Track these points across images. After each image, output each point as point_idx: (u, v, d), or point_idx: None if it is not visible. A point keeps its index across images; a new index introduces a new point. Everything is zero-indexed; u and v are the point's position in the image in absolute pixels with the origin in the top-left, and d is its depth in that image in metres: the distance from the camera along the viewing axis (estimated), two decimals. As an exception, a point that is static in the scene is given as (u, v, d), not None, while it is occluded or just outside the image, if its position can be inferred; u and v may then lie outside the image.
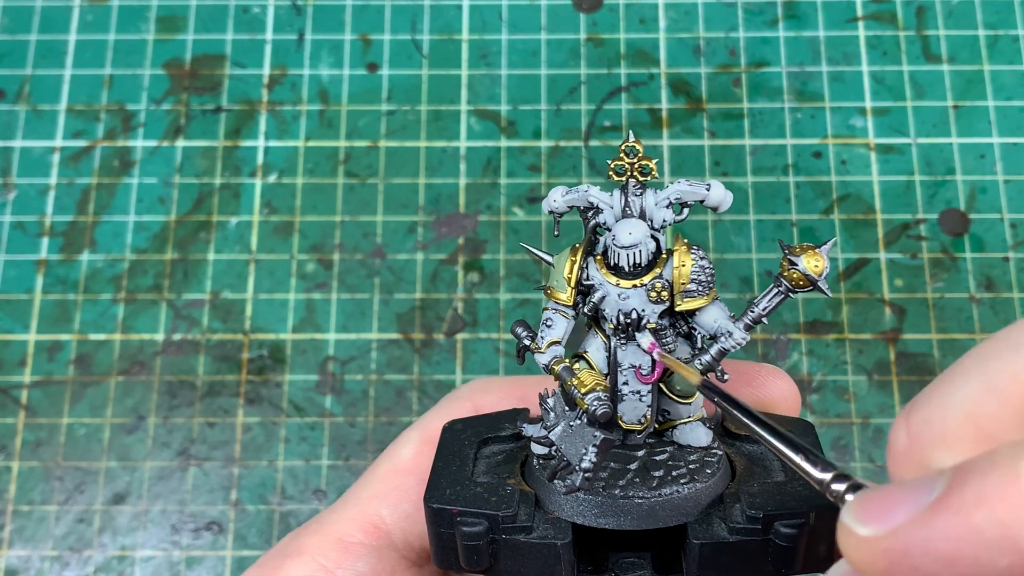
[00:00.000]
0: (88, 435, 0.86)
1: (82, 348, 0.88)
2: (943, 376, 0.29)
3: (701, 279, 0.42)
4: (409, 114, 0.96)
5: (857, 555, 0.27)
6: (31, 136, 0.95)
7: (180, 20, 0.99)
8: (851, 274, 0.89)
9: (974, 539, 0.25)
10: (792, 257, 0.41)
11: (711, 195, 0.42)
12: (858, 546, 0.27)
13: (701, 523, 0.40)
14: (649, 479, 0.41)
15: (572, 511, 0.41)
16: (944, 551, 0.25)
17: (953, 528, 0.25)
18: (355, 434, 0.86)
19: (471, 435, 0.46)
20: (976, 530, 0.25)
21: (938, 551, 0.25)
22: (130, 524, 0.84)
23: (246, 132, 0.95)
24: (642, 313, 0.42)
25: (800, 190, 0.92)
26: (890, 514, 0.27)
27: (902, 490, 0.27)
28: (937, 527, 0.25)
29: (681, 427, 0.44)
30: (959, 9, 0.98)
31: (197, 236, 0.92)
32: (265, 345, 0.88)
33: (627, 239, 0.41)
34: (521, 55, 0.98)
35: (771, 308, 0.42)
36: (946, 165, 0.92)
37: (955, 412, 0.28)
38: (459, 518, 0.40)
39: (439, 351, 0.88)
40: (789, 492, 0.40)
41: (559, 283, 0.43)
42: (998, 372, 0.28)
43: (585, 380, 0.41)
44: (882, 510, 0.27)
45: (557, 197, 0.44)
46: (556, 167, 0.93)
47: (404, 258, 0.91)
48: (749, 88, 0.96)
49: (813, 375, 0.87)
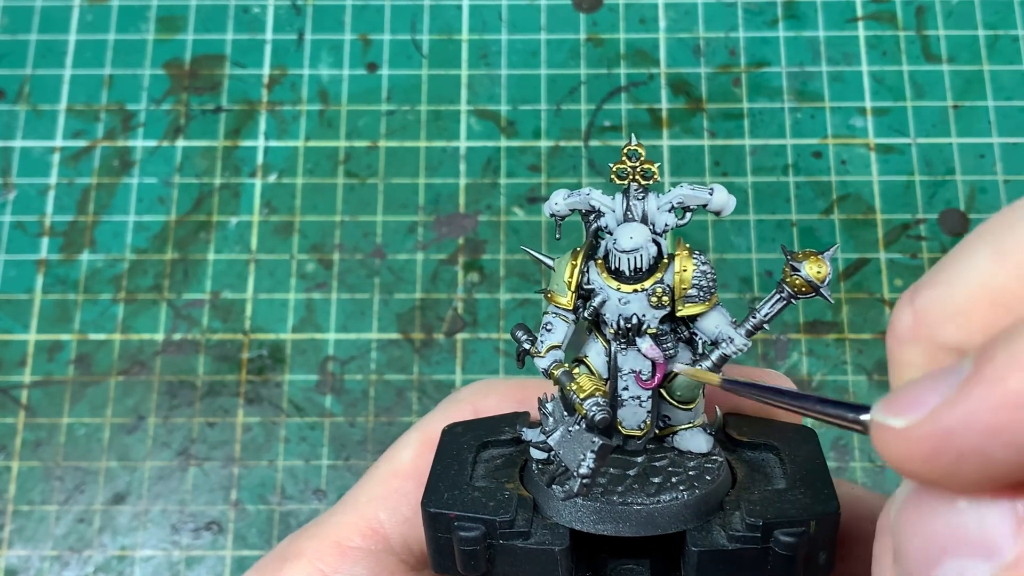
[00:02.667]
0: (88, 435, 0.86)
1: (82, 348, 0.88)
2: (949, 256, 0.29)
3: (703, 284, 0.42)
4: (409, 114, 0.96)
5: (896, 450, 0.26)
6: (31, 136, 0.95)
7: (180, 20, 0.99)
8: (851, 274, 0.89)
9: (1014, 403, 0.24)
10: (794, 263, 0.41)
11: (714, 199, 0.42)
12: (896, 440, 0.26)
13: (700, 530, 0.40)
14: (648, 485, 0.41)
15: (570, 517, 0.40)
16: (985, 423, 0.24)
17: (990, 398, 0.24)
18: (355, 434, 0.86)
19: (470, 439, 0.46)
20: (1015, 393, 0.24)
21: (978, 424, 0.25)
22: (130, 524, 0.84)
23: (246, 132, 0.95)
24: (643, 318, 0.41)
25: (800, 190, 0.92)
26: (923, 400, 0.26)
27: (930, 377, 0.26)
28: (974, 401, 0.25)
29: (681, 433, 0.43)
30: (959, 9, 0.98)
31: (197, 236, 0.92)
32: (265, 345, 0.88)
33: (628, 243, 0.41)
34: (521, 55, 0.98)
35: (773, 314, 0.42)
36: (946, 165, 0.92)
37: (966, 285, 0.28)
38: (456, 523, 0.40)
39: (439, 351, 0.88)
40: (790, 500, 0.39)
41: (559, 287, 0.43)
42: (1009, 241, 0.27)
43: (584, 385, 0.41)
44: (914, 398, 0.26)
45: (559, 200, 0.43)
46: (556, 167, 0.93)
47: (404, 258, 0.91)
48: (749, 88, 0.96)
49: (813, 375, 0.87)
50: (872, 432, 0.27)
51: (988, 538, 0.26)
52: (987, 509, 0.26)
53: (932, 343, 0.29)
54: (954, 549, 0.26)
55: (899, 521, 0.28)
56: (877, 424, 0.27)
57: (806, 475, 0.41)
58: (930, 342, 0.29)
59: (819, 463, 0.42)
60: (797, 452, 0.43)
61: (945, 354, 0.28)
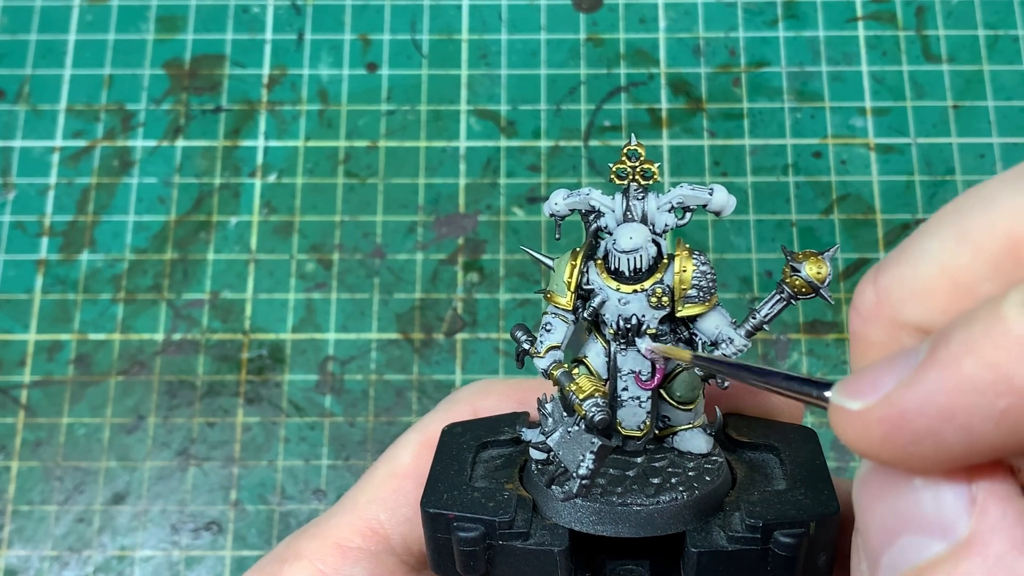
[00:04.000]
0: (88, 435, 0.86)
1: (82, 348, 0.88)
2: (911, 237, 0.29)
3: (702, 285, 0.42)
4: (409, 114, 0.95)
5: (853, 432, 0.27)
6: (31, 136, 0.95)
7: (180, 20, 0.99)
8: (851, 274, 0.89)
9: (968, 387, 0.24)
10: (795, 264, 0.41)
11: (714, 199, 0.42)
12: (852, 422, 0.27)
13: (700, 531, 0.40)
14: (648, 486, 0.41)
15: (570, 517, 0.40)
16: (939, 405, 0.25)
17: (945, 380, 0.25)
18: (355, 434, 0.86)
19: (470, 439, 0.46)
20: (968, 378, 0.24)
21: (933, 407, 0.25)
22: (130, 524, 0.84)
23: (246, 132, 0.95)
24: (642, 319, 0.41)
25: (800, 190, 0.92)
26: (879, 383, 0.26)
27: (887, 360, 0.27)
28: (928, 383, 0.25)
29: (681, 434, 0.43)
30: (959, 9, 0.98)
31: (197, 236, 0.92)
32: (265, 345, 0.88)
33: (628, 243, 0.41)
34: (521, 55, 0.98)
35: (773, 315, 0.42)
36: (946, 165, 0.92)
37: (928, 266, 0.28)
38: (456, 523, 0.40)
39: (439, 351, 0.88)
40: (789, 501, 0.39)
41: (559, 287, 0.43)
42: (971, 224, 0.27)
43: (583, 386, 0.41)
44: (870, 382, 0.26)
45: (559, 200, 0.43)
46: (556, 167, 0.93)
47: (404, 258, 0.91)
48: (749, 88, 0.96)
49: (813, 375, 0.86)
50: (830, 413, 0.28)
51: (943, 517, 0.26)
52: (942, 489, 0.26)
53: (893, 321, 0.29)
54: (910, 527, 0.27)
55: (858, 498, 0.29)
56: (835, 406, 0.27)
57: (806, 476, 0.41)
58: (892, 320, 0.29)
59: (819, 464, 0.42)
60: (797, 453, 0.43)
61: (906, 333, 0.29)
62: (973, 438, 0.25)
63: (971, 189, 0.28)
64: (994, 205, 0.27)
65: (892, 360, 0.27)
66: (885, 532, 0.27)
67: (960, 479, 0.26)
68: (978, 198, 0.28)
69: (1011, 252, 0.26)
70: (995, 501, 0.25)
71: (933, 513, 0.26)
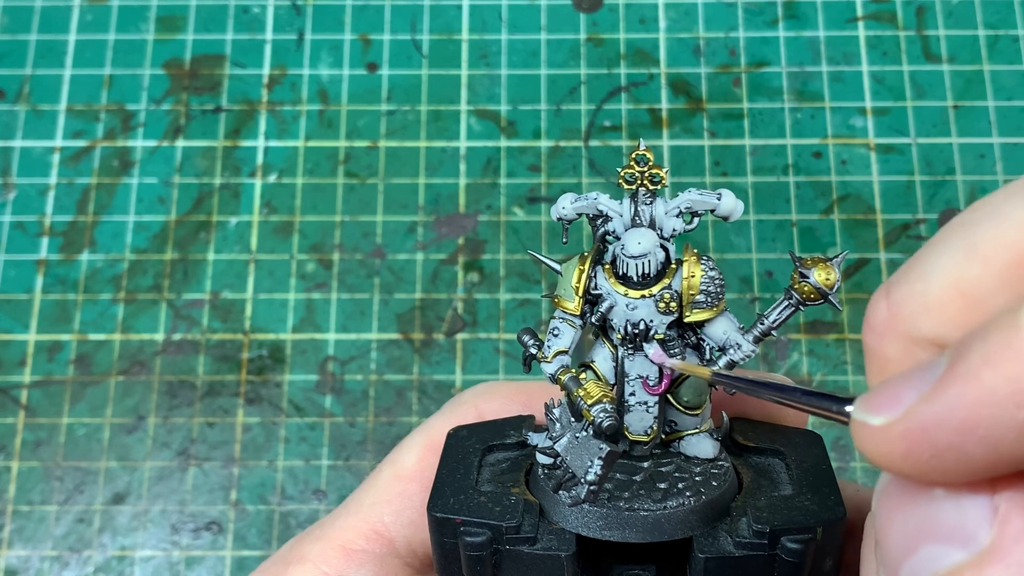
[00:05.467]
0: (88, 435, 0.86)
1: (82, 348, 0.88)
2: (922, 251, 0.29)
3: (711, 290, 0.42)
4: (409, 114, 0.95)
5: (875, 447, 0.27)
6: (31, 136, 0.95)
7: (180, 20, 0.99)
8: (851, 274, 0.89)
9: (988, 400, 0.24)
10: (803, 270, 0.41)
11: (722, 205, 0.42)
12: (873, 437, 0.27)
13: (707, 536, 0.40)
14: (655, 491, 0.41)
15: (577, 522, 0.40)
16: (960, 419, 0.25)
17: (965, 394, 0.25)
18: (355, 434, 0.86)
19: (476, 442, 0.46)
20: (988, 390, 0.24)
21: (954, 420, 0.25)
22: (130, 524, 0.84)
23: (246, 132, 0.95)
24: (650, 324, 0.41)
25: (800, 190, 0.92)
26: (900, 398, 0.26)
27: (906, 375, 0.27)
28: (949, 397, 0.25)
29: (688, 438, 0.43)
30: (959, 9, 0.98)
31: (197, 236, 0.92)
32: (265, 345, 0.88)
33: (636, 249, 0.41)
34: (521, 55, 0.97)
35: (781, 321, 0.42)
36: (946, 165, 0.92)
37: (938, 280, 0.28)
38: (462, 528, 0.40)
39: (439, 351, 0.88)
40: (796, 506, 0.39)
41: (567, 292, 0.43)
42: (980, 237, 0.27)
43: (591, 392, 0.41)
44: (891, 397, 0.27)
45: (566, 204, 0.43)
46: (556, 167, 0.93)
47: (404, 258, 0.91)
48: (749, 88, 0.96)
49: (813, 375, 0.87)
50: (852, 428, 0.28)
51: (964, 526, 0.26)
52: (964, 499, 0.26)
53: (907, 336, 0.29)
54: (931, 536, 0.27)
55: (878, 509, 0.29)
56: (856, 421, 0.28)
57: (812, 481, 0.41)
58: (905, 335, 0.29)
59: (825, 468, 0.42)
60: (803, 457, 0.43)
61: (921, 347, 0.29)
62: (995, 450, 0.25)
63: (979, 202, 0.28)
64: (1002, 218, 0.27)
65: (911, 375, 0.27)
66: (906, 542, 0.27)
67: (982, 490, 0.26)
68: (986, 211, 0.28)
69: (1020, 264, 0.27)
70: (1017, 511, 0.25)
71: (955, 523, 0.26)
